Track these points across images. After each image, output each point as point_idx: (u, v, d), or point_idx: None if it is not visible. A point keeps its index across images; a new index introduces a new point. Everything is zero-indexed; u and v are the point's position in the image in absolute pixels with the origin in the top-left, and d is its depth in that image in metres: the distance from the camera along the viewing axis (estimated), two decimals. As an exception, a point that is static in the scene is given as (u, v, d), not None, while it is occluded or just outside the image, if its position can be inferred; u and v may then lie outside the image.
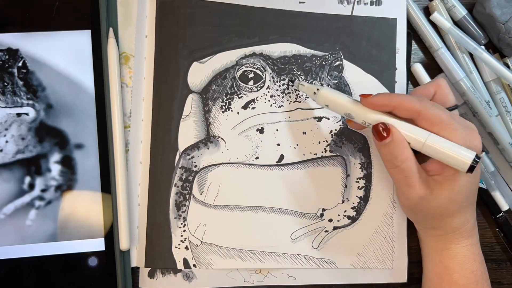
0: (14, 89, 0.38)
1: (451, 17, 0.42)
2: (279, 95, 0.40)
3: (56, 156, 0.38)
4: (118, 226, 0.38)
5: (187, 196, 0.40)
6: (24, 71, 0.38)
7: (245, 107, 0.40)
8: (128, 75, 0.40)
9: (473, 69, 0.41)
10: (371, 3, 0.41)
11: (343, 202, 0.40)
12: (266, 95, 0.40)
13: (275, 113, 0.40)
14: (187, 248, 0.39)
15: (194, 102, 0.40)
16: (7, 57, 0.38)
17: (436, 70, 0.42)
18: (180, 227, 0.39)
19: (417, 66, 0.42)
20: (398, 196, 0.37)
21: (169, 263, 0.39)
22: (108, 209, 0.38)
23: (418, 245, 0.41)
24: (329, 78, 0.41)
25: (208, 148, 0.40)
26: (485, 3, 0.40)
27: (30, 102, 0.38)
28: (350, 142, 0.41)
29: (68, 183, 0.38)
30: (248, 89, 0.40)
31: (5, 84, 0.38)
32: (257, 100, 0.40)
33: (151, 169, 0.40)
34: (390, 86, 0.41)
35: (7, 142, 0.38)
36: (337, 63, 0.41)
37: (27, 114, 0.38)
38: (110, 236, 0.38)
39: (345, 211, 0.40)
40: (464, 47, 0.41)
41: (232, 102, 0.40)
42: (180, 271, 0.40)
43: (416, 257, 0.41)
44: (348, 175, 0.41)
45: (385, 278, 0.41)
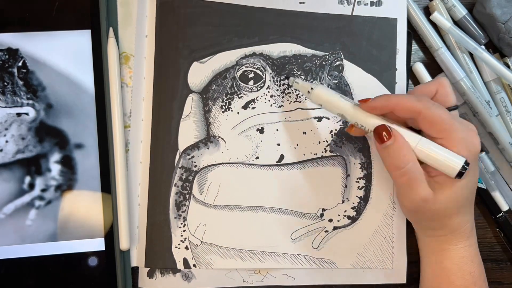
0: (14, 89, 0.38)
1: (451, 17, 0.42)
2: (279, 95, 0.40)
3: (56, 156, 0.38)
4: (118, 226, 0.38)
5: (187, 196, 0.40)
6: (24, 71, 0.38)
7: (245, 107, 0.40)
8: (128, 75, 0.40)
9: (473, 69, 0.41)
10: (371, 4, 0.41)
11: (343, 202, 0.40)
12: (266, 95, 0.40)
13: (275, 113, 0.40)
14: (187, 248, 0.39)
15: (194, 102, 0.40)
16: (7, 57, 0.38)
17: (436, 70, 0.42)
18: (180, 227, 0.39)
19: (418, 66, 0.42)
20: (399, 199, 0.37)
21: (169, 263, 0.39)
22: (108, 209, 0.38)
23: (417, 246, 0.41)
24: (330, 78, 0.41)
25: (208, 148, 0.40)
26: (485, 3, 0.40)
27: (30, 102, 0.38)
28: (350, 142, 0.41)
29: (68, 183, 0.38)
30: (248, 89, 0.40)
31: (5, 84, 0.38)
32: (257, 100, 0.40)
33: (151, 169, 0.40)
34: (390, 86, 0.41)
35: (7, 142, 0.38)
36: (337, 63, 0.41)
37: (27, 114, 0.38)
38: (110, 236, 0.38)
39: (345, 211, 0.40)
40: (464, 47, 0.41)
41: (232, 102, 0.40)
42: (179, 271, 0.40)
43: (415, 258, 0.41)
44: (348, 175, 0.41)
45: (385, 279, 0.41)
